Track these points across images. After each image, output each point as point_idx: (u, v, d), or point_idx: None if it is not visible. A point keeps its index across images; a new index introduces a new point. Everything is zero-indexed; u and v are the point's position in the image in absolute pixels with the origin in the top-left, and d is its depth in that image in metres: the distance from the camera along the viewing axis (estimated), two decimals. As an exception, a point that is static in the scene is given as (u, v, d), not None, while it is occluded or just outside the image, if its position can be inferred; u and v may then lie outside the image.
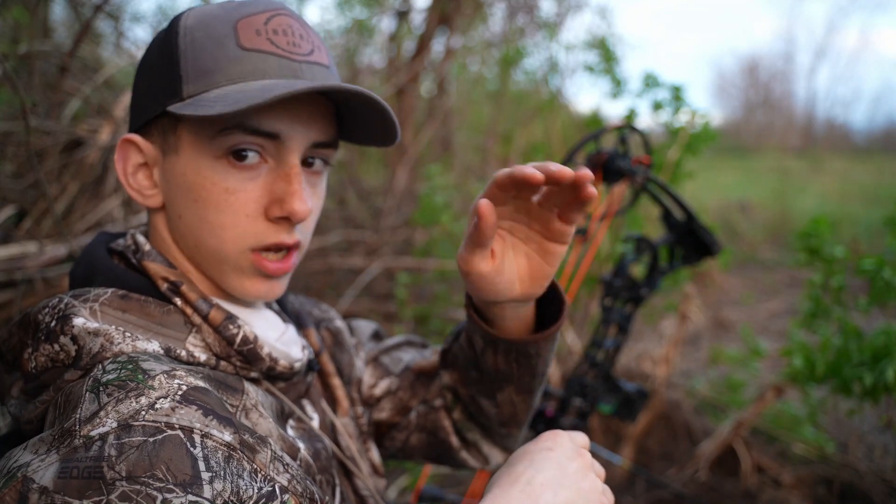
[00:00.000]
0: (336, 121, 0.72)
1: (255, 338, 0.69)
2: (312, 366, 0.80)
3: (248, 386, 0.68)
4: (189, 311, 0.68)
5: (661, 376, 2.37)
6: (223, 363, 0.68)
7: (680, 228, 1.35)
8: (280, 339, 0.75)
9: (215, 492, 0.53)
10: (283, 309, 0.85)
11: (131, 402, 0.55)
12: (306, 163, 0.71)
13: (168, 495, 0.51)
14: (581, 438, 0.66)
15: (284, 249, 0.70)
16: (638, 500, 2.12)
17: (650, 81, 2.27)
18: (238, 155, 0.66)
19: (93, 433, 0.53)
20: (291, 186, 0.66)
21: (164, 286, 0.69)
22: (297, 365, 0.74)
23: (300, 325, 0.88)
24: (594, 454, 1.18)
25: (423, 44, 3.92)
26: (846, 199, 8.66)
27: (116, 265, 0.70)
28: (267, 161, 0.67)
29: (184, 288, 0.68)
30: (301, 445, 0.71)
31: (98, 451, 0.52)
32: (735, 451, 2.15)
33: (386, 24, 4.15)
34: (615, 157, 1.30)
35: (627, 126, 1.34)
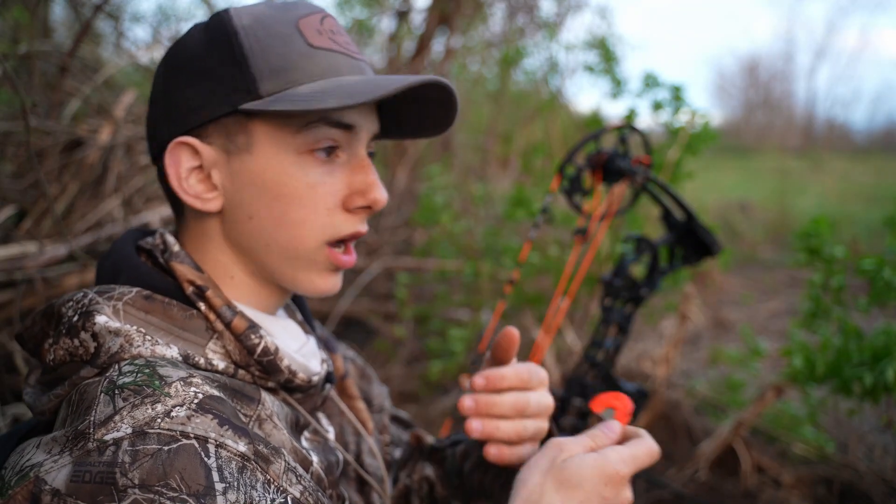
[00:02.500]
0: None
1: (276, 349, 0.68)
2: (331, 379, 0.80)
3: (265, 395, 0.68)
4: (212, 317, 0.68)
5: (661, 376, 2.37)
6: (241, 371, 0.68)
7: (680, 228, 1.35)
8: (300, 351, 0.74)
9: (228, 503, 0.53)
10: (308, 321, 0.86)
11: (147, 409, 0.55)
12: (369, 155, 0.73)
13: None
14: (648, 460, 0.64)
15: (343, 242, 0.72)
16: (638, 500, 2.12)
17: (650, 81, 2.27)
18: (328, 151, 0.68)
19: (107, 437, 0.53)
20: (370, 177, 0.70)
21: (189, 289, 0.68)
22: (315, 378, 0.74)
23: (329, 349, 0.89)
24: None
25: (423, 44, 3.92)
26: (846, 199, 8.65)
27: (143, 263, 0.69)
28: (339, 155, 0.70)
29: (209, 293, 0.68)
30: (314, 458, 0.70)
31: (111, 457, 0.52)
32: (735, 451, 2.15)
33: (386, 24, 4.15)
34: (615, 157, 1.30)
35: (627, 126, 1.34)
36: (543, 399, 0.76)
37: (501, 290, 2.31)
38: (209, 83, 0.67)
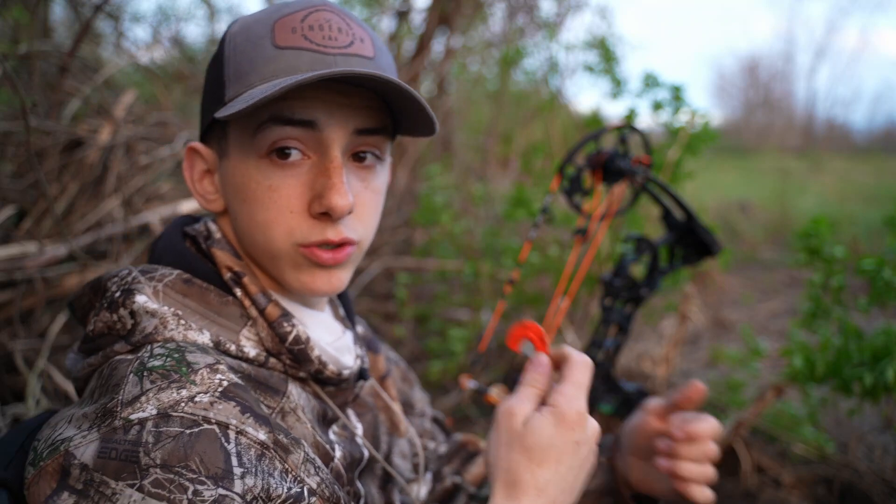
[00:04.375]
0: (389, 113, 0.72)
1: (308, 339, 0.69)
2: (364, 375, 0.80)
3: (292, 388, 0.69)
4: (247, 303, 0.70)
5: (661, 376, 2.37)
6: (272, 360, 0.69)
7: (680, 228, 1.34)
8: (334, 344, 0.75)
9: (246, 487, 0.55)
10: (349, 317, 0.86)
11: (172, 393, 0.56)
12: (358, 157, 0.70)
13: (199, 487, 0.53)
14: (587, 374, 0.67)
15: (332, 246, 0.69)
16: (638, 500, 2.11)
17: (650, 81, 2.27)
18: (281, 153, 0.66)
19: (132, 417, 0.55)
20: (331, 180, 0.65)
21: (227, 275, 0.70)
22: (346, 372, 0.74)
23: (372, 349, 0.91)
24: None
25: (423, 44, 3.92)
26: (846, 199, 8.64)
27: (187, 249, 0.72)
28: (310, 157, 0.68)
29: (246, 279, 0.70)
30: (337, 453, 0.71)
31: (136, 436, 0.54)
32: (735, 451, 2.14)
33: (386, 24, 4.14)
34: (615, 157, 1.30)
35: (627, 126, 1.34)
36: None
37: (501, 290, 2.31)
38: (207, 92, 0.72)
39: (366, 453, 0.78)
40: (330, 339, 0.75)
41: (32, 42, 1.82)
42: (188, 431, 0.55)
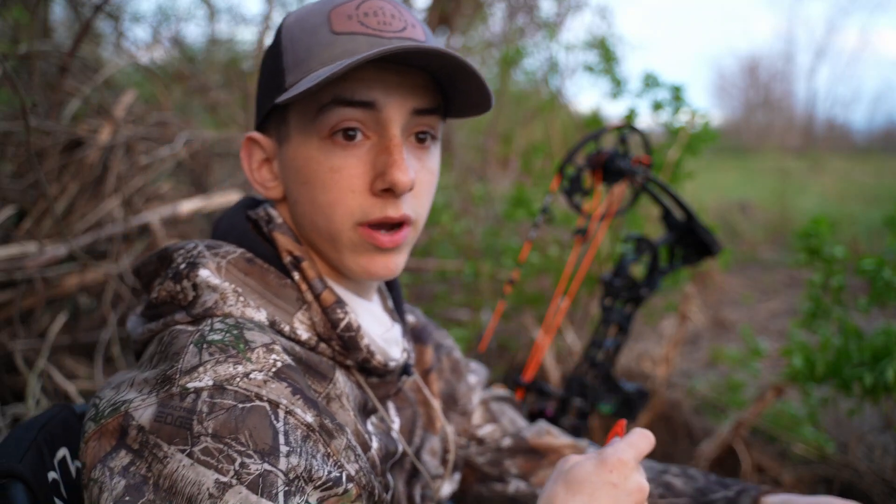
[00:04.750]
0: (441, 95, 0.74)
1: (359, 327, 0.71)
2: (408, 371, 0.82)
3: (339, 375, 0.71)
4: (304, 287, 0.72)
5: (661, 376, 2.37)
6: (322, 345, 0.71)
7: (680, 228, 1.34)
8: (383, 336, 0.77)
9: (290, 465, 0.56)
10: (398, 309, 0.87)
11: (229, 367, 0.59)
12: (418, 138, 0.72)
13: (246, 460, 0.55)
14: (645, 443, 0.65)
15: (393, 226, 0.71)
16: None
17: (650, 81, 2.27)
18: (345, 134, 0.68)
19: (189, 385, 0.57)
20: (392, 157, 0.68)
21: (287, 258, 0.72)
22: (392, 364, 0.76)
23: (420, 341, 0.92)
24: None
25: (423, 44, 3.91)
26: (846, 199, 8.64)
27: (250, 230, 0.74)
28: (370, 137, 0.69)
29: (304, 264, 0.72)
30: (374, 444, 0.73)
31: (191, 404, 0.56)
32: (735, 451, 2.14)
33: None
34: (615, 157, 1.30)
35: (627, 126, 1.34)
36: None
37: (501, 290, 2.31)
38: (265, 82, 0.74)
39: (400, 448, 0.79)
40: (380, 330, 0.77)
41: (32, 42, 1.82)
42: (241, 406, 0.57)
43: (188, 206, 1.96)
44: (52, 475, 0.71)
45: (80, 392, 1.60)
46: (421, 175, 0.72)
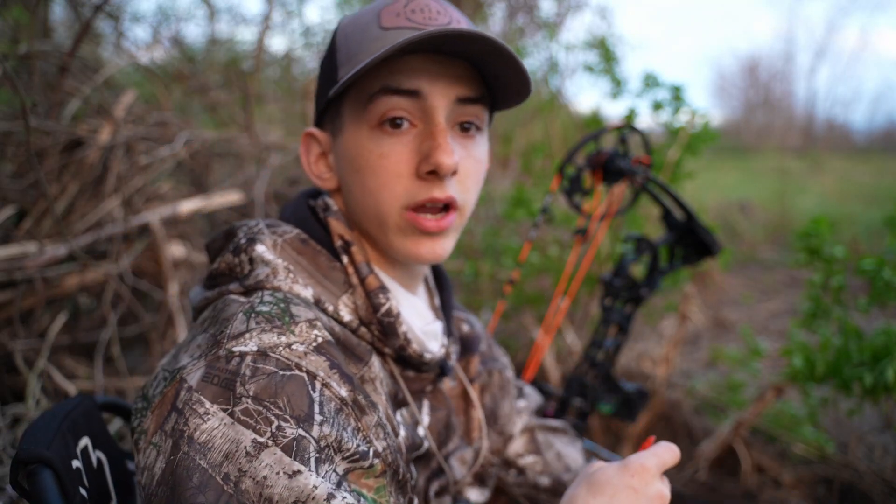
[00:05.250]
0: (485, 87, 0.76)
1: (398, 314, 0.74)
2: (445, 370, 0.83)
3: (375, 360, 0.73)
4: (351, 270, 0.76)
5: (661, 376, 2.37)
6: (363, 329, 0.74)
7: (680, 228, 1.34)
8: (422, 328, 0.80)
9: (322, 434, 0.59)
10: (445, 308, 0.90)
11: (273, 336, 0.63)
12: (463, 127, 0.75)
13: (283, 423, 0.58)
14: (669, 454, 0.68)
15: (440, 207, 0.74)
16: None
17: (650, 81, 2.27)
18: (392, 123, 0.72)
19: (235, 349, 0.61)
20: (436, 141, 0.71)
21: (338, 242, 0.77)
22: (428, 356, 0.78)
23: (468, 350, 0.93)
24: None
25: (423, 44, 3.91)
26: (846, 199, 8.65)
27: (309, 215, 0.79)
28: (416, 125, 0.73)
29: (353, 249, 0.76)
30: (402, 432, 0.74)
31: (236, 367, 0.60)
32: (735, 451, 2.15)
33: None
34: (615, 157, 1.29)
35: (627, 126, 1.34)
36: None
37: (501, 290, 2.31)
38: (322, 79, 0.79)
39: (426, 444, 0.81)
40: (420, 323, 0.80)
41: (32, 42, 1.82)
42: (281, 373, 0.60)
43: (188, 206, 1.96)
44: (75, 463, 0.74)
45: (80, 392, 1.60)
46: (466, 162, 0.75)
